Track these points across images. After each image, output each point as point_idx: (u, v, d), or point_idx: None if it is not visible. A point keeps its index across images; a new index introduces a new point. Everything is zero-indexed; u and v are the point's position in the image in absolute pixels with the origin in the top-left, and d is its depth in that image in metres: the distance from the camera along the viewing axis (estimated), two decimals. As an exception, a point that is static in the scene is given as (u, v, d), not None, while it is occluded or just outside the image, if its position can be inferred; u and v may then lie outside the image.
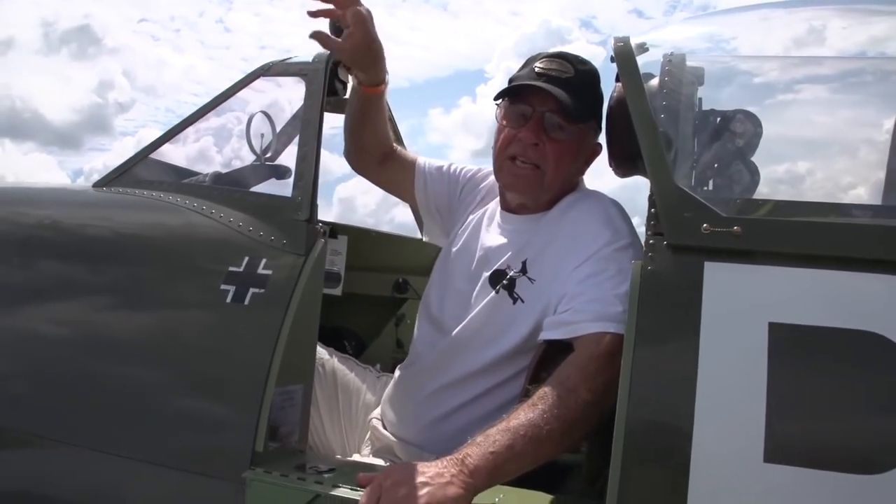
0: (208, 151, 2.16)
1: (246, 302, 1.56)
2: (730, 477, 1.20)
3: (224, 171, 2.11)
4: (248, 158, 2.17)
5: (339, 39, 1.64)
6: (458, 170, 2.03)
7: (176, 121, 2.06)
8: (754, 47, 1.95)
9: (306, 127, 1.75)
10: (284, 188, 2.10)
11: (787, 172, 1.70)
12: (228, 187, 1.92)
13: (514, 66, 1.84)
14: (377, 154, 2.00)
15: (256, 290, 1.56)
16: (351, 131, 1.96)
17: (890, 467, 1.14)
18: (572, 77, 1.72)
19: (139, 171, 2.00)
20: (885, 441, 1.16)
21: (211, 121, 2.05)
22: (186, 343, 1.59)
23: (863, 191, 1.63)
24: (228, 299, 1.57)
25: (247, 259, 1.61)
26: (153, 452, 1.51)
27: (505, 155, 1.74)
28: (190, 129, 2.03)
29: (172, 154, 2.08)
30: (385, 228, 2.86)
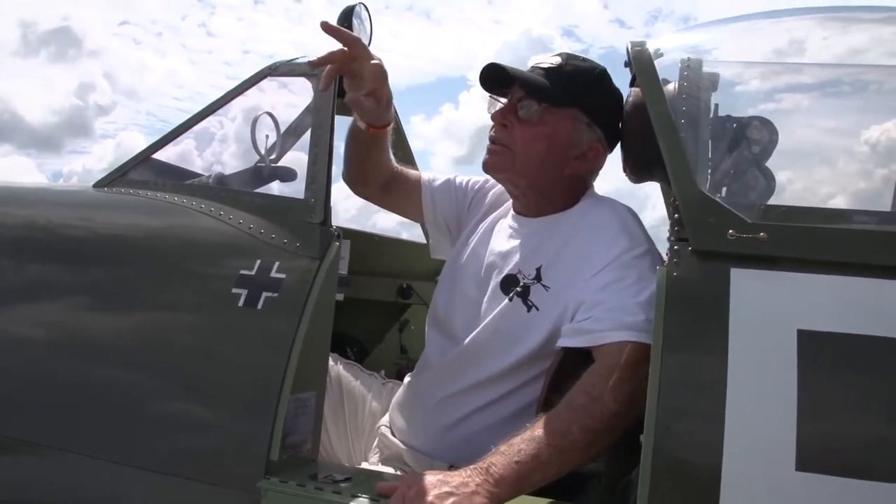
0: (211, 153, 2.12)
1: (259, 306, 1.51)
2: (761, 485, 1.18)
3: (228, 172, 2.07)
4: (251, 160, 2.13)
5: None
6: (465, 182, 2.02)
7: (158, 124, 2.05)
8: (738, 56, 1.96)
9: (318, 128, 1.72)
10: (288, 190, 2.08)
11: (801, 179, 1.71)
12: (236, 189, 1.88)
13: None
14: (379, 183, 1.99)
15: (270, 294, 1.52)
16: (352, 163, 1.94)
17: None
18: (557, 67, 1.72)
19: (141, 171, 1.95)
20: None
21: (215, 121, 2.01)
22: (197, 348, 1.54)
23: (884, 198, 1.63)
24: (241, 303, 1.53)
25: (258, 262, 1.57)
26: (165, 461, 1.46)
27: (488, 140, 1.76)
28: (194, 130, 1.98)
29: (175, 155, 2.04)
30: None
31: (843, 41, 1.93)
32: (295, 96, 2.06)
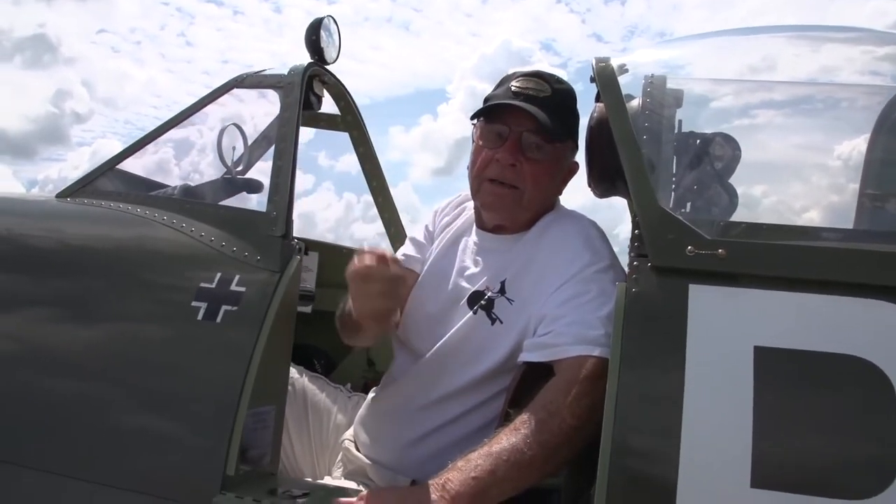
0: (177, 164, 2.10)
1: (218, 320, 1.50)
2: (717, 501, 1.19)
3: (193, 184, 2.05)
4: (219, 171, 2.12)
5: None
6: (425, 228, 1.97)
7: (135, 132, 2.03)
8: (710, 72, 1.97)
9: (282, 140, 1.70)
10: (255, 202, 2.06)
11: (761, 195, 1.73)
12: (199, 201, 1.87)
13: (476, 86, 1.86)
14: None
15: (229, 308, 1.51)
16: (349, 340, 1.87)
17: (876, 492, 1.14)
18: (549, 96, 1.69)
19: (105, 181, 1.93)
20: (872, 465, 1.16)
21: (181, 132, 2.00)
22: (154, 361, 1.52)
23: (840, 215, 1.65)
24: (200, 316, 1.51)
25: (219, 275, 1.55)
26: (120, 476, 1.43)
27: (483, 176, 1.70)
28: (159, 141, 1.96)
29: (140, 165, 2.02)
30: (346, 244, 2.78)
31: (814, 59, 1.96)
32: (261, 108, 2.06)
